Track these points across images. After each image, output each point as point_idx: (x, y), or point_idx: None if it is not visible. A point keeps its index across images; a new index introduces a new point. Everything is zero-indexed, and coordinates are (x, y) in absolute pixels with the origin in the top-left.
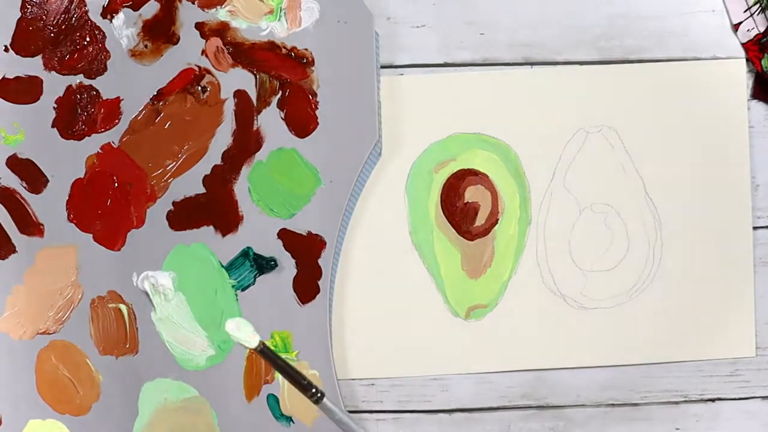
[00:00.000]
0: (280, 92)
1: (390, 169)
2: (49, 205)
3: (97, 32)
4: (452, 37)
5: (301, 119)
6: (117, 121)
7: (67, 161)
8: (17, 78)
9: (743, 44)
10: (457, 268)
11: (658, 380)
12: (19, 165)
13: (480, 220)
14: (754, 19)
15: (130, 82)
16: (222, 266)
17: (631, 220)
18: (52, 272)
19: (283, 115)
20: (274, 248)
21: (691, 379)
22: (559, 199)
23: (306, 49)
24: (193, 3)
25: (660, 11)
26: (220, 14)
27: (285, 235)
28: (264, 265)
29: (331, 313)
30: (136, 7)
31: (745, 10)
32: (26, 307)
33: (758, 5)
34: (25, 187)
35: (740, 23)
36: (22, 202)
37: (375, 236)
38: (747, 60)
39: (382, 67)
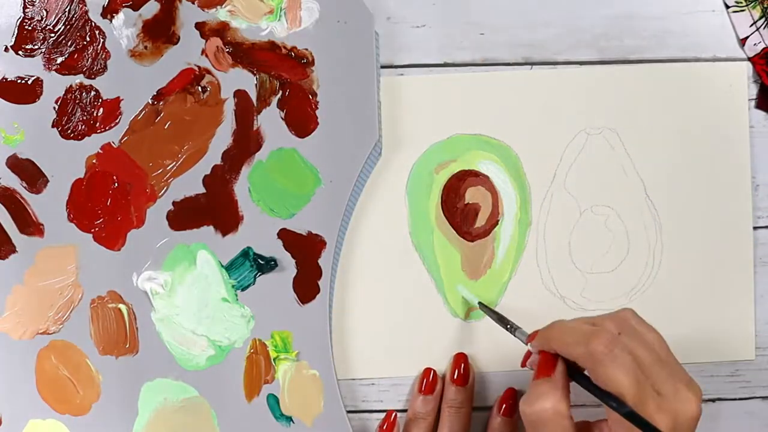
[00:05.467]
0: (280, 92)
1: (390, 169)
2: (49, 205)
3: (97, 32)
4: (452, 37)
5: (301, 119)
6: (117, 121)
7: (67, 161)
8: (17, 78)
9: (750, 58)
10: (457, 269)
11: None
12: (19, 165)
13: (480, 221)
14: (760, 33)
15: (130, 82)
16: (222, 266)
17: (631, 221)
18: (52, 272)
19: (283, 115)
20: (274, 248)
21: None
22: (560, 201)
23: (306, 49)
24: (193, 3)
25: (660, 11)
26: (220, 14)
27: (285, 235)
28: (264, 265)
29: (331, 313)
30: (136, 7)
31: (751, 24)
32: (26, 307)
33: (764, 19)
34: (25, 187)
35: (747, 38)
36: (22, 202)
37: (375, 237)
38: (754, 72)
39: (382, 67)
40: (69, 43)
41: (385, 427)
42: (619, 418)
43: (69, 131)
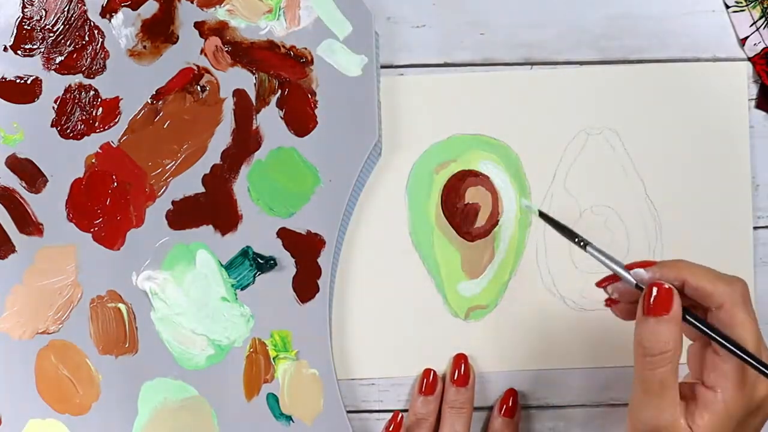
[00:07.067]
0: (279, 91)
1: (390, 169)
2: (48, 205)
3: (96, 32)
4: (452, 37)
5: (301, 118)
6: (116, 120)
7: (66, 161)
8: (16, 78)
9: (750, 58)
10: (457, 269)
11: None
12: (18, 165)
13: (480, 221)
14: (760, 33)
15: (129, 81)
16: (221, 265)
17: (631, 221)
18: (52, 272)
19: (282, 114)
20: (273, 247)
21: None
22: (560, 201)
23: (305, 48)
24: (192, 2)
25: (660, 11)
26: (219, 13)
27: (284, 234)
28: (263, 264)
29: (331, 312)
30: (134, 7)
31: (751, 24)
32: (26, 307)
33: (764, 19)
34: (24, 187)
35: (747, 38)
36: (22, 201)
37: (375, 236)
38: (754, 72)
39: (382, 67)
40: (68, 43)
41: (391, 428)
42: (729, 372)
43: (68, 131)
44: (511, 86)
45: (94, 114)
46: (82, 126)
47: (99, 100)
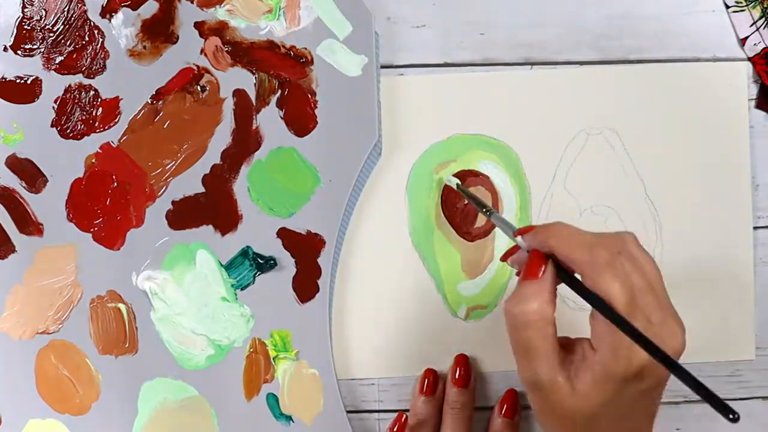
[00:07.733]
0: (279, 91)
1: (390, 169)
2: (48, 205)
3: (96, 32)
4: (452, 37)
5: (301, 118)
6: (116, 120)
7: (66, 161)
8: (16, 78)
9: (750, 58)
10: (457, 269)
11: None
12: (18, 164)
13: (480, 221)
14: (760, 33)
15: (129, 81)
16: (221, 265)
17: (631, 221)
18: (52, 272)
19: (282, 114)
20: (273, 247)
21: None
22: (560, 201)
23: (305, 48)
24: (192, 2)
25: (660, 11)
26: (219, 13)
27: (284, 234)
28: (263, 264)
29: (331, 312)
30: (134, 7)
31: (751, 24)
32: (26, 307)
33: (764, 19)
34: (24, 187)
35: (747, 37)
36: (22, 201)
37: (375, 236)
38: (754, 72)
39: (382, 67)
40: (68, 43)
41: (395, 429)
42: (603, 333)
43: (68, 131)
44: (511, 86)
45: (94, 114)
46: (82, 126)
47: (99, 100)
